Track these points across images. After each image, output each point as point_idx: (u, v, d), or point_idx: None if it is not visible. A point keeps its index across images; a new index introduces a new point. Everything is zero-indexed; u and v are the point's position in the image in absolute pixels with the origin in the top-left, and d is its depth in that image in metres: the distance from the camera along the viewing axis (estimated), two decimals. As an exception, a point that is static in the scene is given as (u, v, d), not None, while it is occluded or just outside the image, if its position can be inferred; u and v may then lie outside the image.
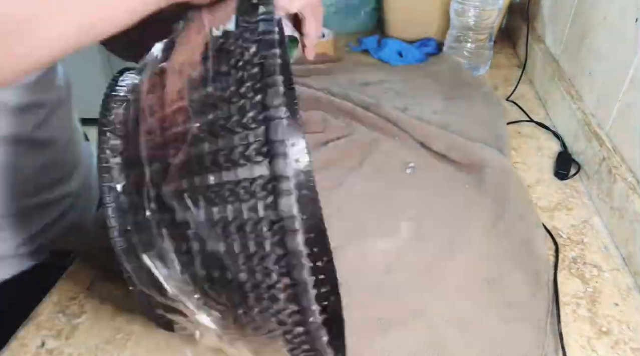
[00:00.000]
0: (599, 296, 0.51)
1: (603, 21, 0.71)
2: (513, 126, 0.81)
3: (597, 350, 0.46)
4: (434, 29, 1.08)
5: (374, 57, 1.06)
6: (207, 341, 0.34)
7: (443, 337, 0.45)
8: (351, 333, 0.45)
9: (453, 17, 0.96)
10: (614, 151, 0.63)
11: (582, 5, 0.80)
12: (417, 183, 0.65)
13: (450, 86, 0.91)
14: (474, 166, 0.67)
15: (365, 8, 1.17)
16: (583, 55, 0.77)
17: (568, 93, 0.77)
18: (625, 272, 0.54)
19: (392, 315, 0.47)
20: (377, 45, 1.10)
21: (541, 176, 0.70)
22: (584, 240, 0.59)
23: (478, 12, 0.92)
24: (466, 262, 0.54)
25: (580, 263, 0.55)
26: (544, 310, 0.48)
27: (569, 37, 0.84)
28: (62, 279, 0.53)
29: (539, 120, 0.83)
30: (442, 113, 0.82)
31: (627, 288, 0.52)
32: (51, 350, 0.46)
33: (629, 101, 0.61)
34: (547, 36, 0.96)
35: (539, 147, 0.76)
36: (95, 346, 0.46)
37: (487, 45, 0.97)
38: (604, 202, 0.61)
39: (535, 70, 0.94)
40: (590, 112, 0.71)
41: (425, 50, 1.07)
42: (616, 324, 0.48)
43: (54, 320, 0.49)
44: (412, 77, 0.96)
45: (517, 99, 0.89)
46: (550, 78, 0.85)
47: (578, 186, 0.68)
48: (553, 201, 0.65)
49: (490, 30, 0.95)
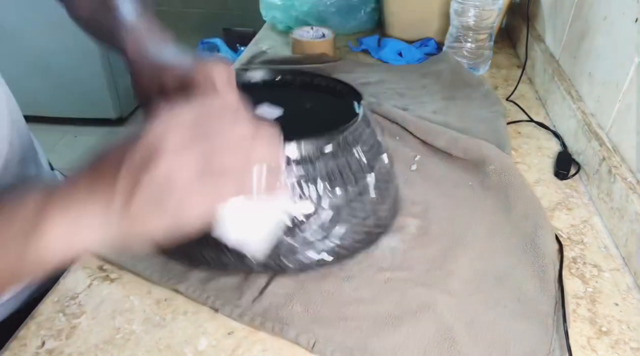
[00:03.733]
0: (599, 296, 0.51)
1: (603, 21, 0.71)
2: (513, 126, 0.81)
3: (597, 350, 0.46)
4: (434, 29, 1.08)
5: (374, 57, 1.06)
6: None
7: (452, 333, 0.45)
8: (361, 329, 0.46)
9: (453, 17, 0.96)
10: (614, 151, 0.63)
11: (582, 5, 0.80)
12: (421, 181, 0.66)
13: (450, 85, 0.91)
14: (477, 163, 0.68)
15: (365, 8, 1.17)
16: (583, 55, 0.77)
17: (568, 93, 0.77)
18: (625, 272, 0.54)
19: (402, 310, 0.47)
20: (377, 45, 1.10)
21: (541, 176, 0.70)
22: (584, 240, 0.59)
23: (478, 12, 0.92)
24: (473, 258, 0.54)
25: (580, 263, 0.55)
26: (551, 306, 0.49)
27: (569, 37, 0.84)
28: (62, 279, 0.53)
29: (539, 120, 0.83)
30: (442, 113, 0.82)
31: (627, 288, 0.52)
32: (51, 350, 0.46)
33: (629, 101, 0.61)
34: (547, 36, 0.96)
35: (539, 147, 0.76)
36: (95, 346, 0.46)
37: (487, 45, 0.97)
38: (604, 202, 0.61)
39: (535, 70, 0.94)
40: (590, 112, 0.71)
41: (425, 50, 1.07)
42: (616, 324, 0.48)
43: (54, 320, 0.49)
44: (412, 77, 0.96)
45: (517, 99, 0.89)
46: (550, 78, 0.85)
47: (578, 186, 0.68)
48: (553, 201, 0.65)
49: (490, 30, 0.95)
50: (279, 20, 1.20)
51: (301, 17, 1.16)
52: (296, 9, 1.15)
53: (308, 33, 1.04)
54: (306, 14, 1.15)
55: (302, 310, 0.47)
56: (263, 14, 1.22)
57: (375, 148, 0.54)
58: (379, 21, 1.19)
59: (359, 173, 0.51)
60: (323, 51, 1.02)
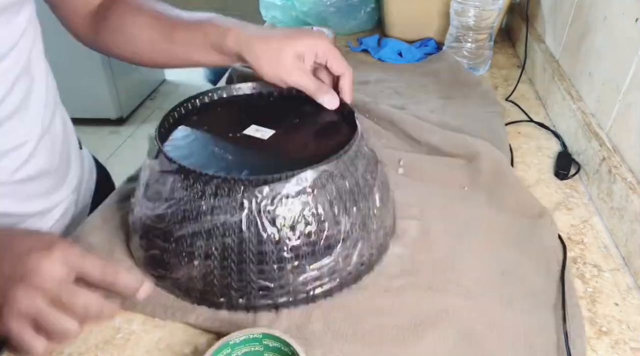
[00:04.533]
0: (599, 296, 0.51)
1: (603, 21, 0.71)
2: (513, 126, 0.81)
3: (597, 350, 0.46)
4: (434, 29, 1.08)
5: (373, 57, 1.06)
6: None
7: (476, 336, 0.45)
8: (386, 342, 0.44)
9: (453, 17, 0.96)
10: (614, 151, 0.63)
11: (582, 5, 0.80)
12: (411, 183, 0.65)
13: (448, 85, 0.91)
14: (468, 161, 0.68)
15: (365, 8, 1.17)
16: (583, 55, 0.77)
17: (568, 93, 0.77)
18: (625, 272, 0.54)
19: (421, 318, 0.47)
20: (377, 45, 1.10)
21: (541, 176, 0.70)
22: (584, 240, 0.59)
23: (478, 12, 0.92)
24: (477, 256, 0.54)
25: (580, 263, 0.55)
26: (559, 299, 0.49)
27: (569, 37, 0.84)
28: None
29: (539, 120, 0.83)
30: (439, 112, 0.82)
31: (627, 288, 0.52)
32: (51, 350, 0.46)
33: (629, 101, 0.61)
34: (547, 36, 0.96)
35: (539, 147, 0.76)
36: (95, 346, 0.46)
37: (487, 45, 0.97)
38: (604, 202, 0.61)
39: (535, 70, 0.94)
40: (590, 112, 0.71)
41: (425, 50, 1.07)
42: (616, 324, 0.48)
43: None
44: (411, 76, 0.96)
45: (517, 99, 0.89)
46: (550, 78, 0.85)
47: (578, 186, 0.68)
48: (553, 201, 0.65)
49: (490, 30, 0.95)
50: (279, 20, 1.20)
51: (301, 17, 1.16)
52: (296, 9, 1.15)
53: (308, 33, 1.04)
54: (306, 14, 1.15)
55: (322, 328, 0.46)
56: (263, 14, 1.22)
57: (373, 157, 0.54)
58: (379, 21, 1.20)
59: (365, 187, 0.50)
60: (323, 51, 1.02)
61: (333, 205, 0.47)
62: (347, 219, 0.48)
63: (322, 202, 0.46)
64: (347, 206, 0.48)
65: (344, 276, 0.49)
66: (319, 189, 0.46)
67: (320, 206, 0.46)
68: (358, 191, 0.49)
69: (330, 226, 0.46)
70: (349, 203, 0.48)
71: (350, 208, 0.48)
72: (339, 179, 0.47)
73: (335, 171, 0.47)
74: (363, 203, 0.49)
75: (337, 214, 0.47)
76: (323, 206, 0.46)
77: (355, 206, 0.49)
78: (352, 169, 0.49)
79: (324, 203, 0.46)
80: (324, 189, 0.46)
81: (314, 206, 0.45)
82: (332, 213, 0.46)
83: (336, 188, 0.47)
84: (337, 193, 0.47)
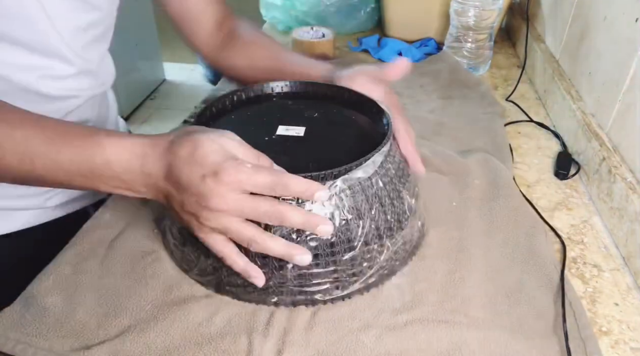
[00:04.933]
0: (599, 296, 0.51)
1: (603, 21, 0.71)
2: (513, 126, 0.81)
3: (597, 350, 0.46)
4: (434, 29, 1.08)
5: (374, 57, 1.06)
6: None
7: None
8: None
9: (453, 17, 0.96)
10: (614, 151, 0.63)
11: (582, 5, 0.80)
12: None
13: (448, 85, 0.91)
14: (456, 175, 0.66)
15: (365, 8, 1.17)
16: (583, 55, 0.77)
17: (568, 93, 0.77)
18: (625, 272, 0.54)
19: (429, 353, 0.44)
20: (377, 45, 1.10)
21: (541, 176, 0.70)
22: (584, 240, 0.59)
23: (478, 12, 0.92)
24: (478, 278, 0.52)
25: (580, 263, 0.55)
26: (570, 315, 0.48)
27: (569, 37, 0.84)
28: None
29: (539, 120, 0.83)
30: (438, 112, 0.82)
31: (627, 288, 0.52)
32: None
33: (629, 101, 0.61)
34: (547, 36, 0.96)
35: (539, 147, 0.76)
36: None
37: (487, 45, 0.97)
38: (604, 202, 0.61)
39: (535, 70, 0.94)
40: (590, 112, 0.71)
41: (425, 50, 1.07)
42: (616, 324, 0.48)
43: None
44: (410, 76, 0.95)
45: (517, 99, 0.89)
46: (550, 78, 0.85)
47: (578, 186, 0.68)
48: (553, 201, 0.65)
49: (490, 30, 0.95)
50: (278, 20, 1.20)
51: (301, 17, 1.16)
52: (296, 9, 1.15)
53: (308, 33, 1.04)
54: (306, 14, 1.15)
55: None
56: (263, 14, 1.22)
57: (401, 157, 0.54)
58: (379, 21, 1.20)
59: (399, 186, 0.50)
60: (323, 51, 1.02)
61: (373, 206, 0.48)
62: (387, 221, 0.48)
63: (364, 202, 0.47)
64: (384, 207, 0.49)
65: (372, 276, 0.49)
66: (364, 191, 0.47)
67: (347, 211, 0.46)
68: (392, 191, 0.50)
69: (354, 229, 0.47)
70: (386, 204, 0.49)
71: (388, 209, 0.49)
72: (378, 177, 0.48)
73: (377, 171, 0.48)
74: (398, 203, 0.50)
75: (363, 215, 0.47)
76: (364, 205, 0.47)
77: (391, 206, 0.49)
78: (387, 169, 0.49)
79: (364, 202, 0.47)
80: (364, 193, 0.47)
81: (358, 207, 0.47)
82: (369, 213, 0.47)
83: (376, 188, 0.48)
84: (376, 193, 0.48)
